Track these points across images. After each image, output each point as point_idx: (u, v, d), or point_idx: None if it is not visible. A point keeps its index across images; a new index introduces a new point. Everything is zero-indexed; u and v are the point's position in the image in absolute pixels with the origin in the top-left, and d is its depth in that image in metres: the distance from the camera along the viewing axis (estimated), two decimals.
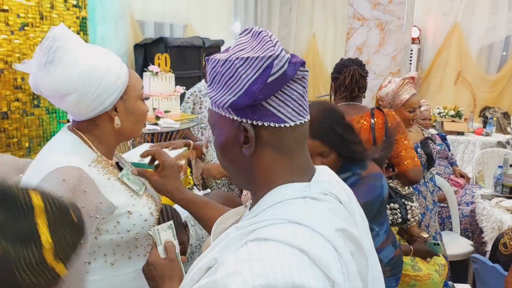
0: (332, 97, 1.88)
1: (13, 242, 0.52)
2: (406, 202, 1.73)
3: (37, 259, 0.52)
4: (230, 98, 0.59)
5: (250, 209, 0.66)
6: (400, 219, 1.73)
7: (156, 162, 1.03)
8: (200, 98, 3.29)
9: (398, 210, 1.72)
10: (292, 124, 0.60)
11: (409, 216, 1.73)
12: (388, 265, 1.46)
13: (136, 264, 1.00)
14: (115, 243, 0.94)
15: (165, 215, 1.34)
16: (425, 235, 2.08)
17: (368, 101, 2.91)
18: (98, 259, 0.94)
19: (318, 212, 0.58)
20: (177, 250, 0.92)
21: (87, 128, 0.97)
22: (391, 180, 1.79)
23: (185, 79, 3.71)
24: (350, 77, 1.78)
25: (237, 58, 0.58)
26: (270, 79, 0.56)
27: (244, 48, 0.60)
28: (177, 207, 1.36)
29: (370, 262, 0.63)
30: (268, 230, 0.54)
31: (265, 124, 0.59)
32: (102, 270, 0.95)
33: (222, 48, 4.74)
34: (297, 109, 0.60)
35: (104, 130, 0.95)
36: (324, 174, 0.66)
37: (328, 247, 0.54)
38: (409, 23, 2.94)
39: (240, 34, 0.65)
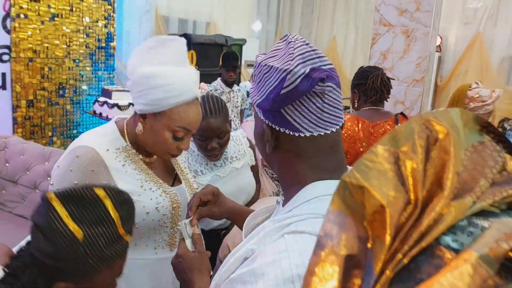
0: (356, 104, 1.92)
1: (93, 226, 0.67)
2: None
3: (113, 232, 0.68)
4: (257, 99, 0.64)
5: (283, 205, 0.67)
6: None
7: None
8: None
9: None
10: (308, 134, 0.61)
11: None
12: None
13: (143, 253, 1.03)
14: None
15: (210, 100, 1.37)
16: None
17: (390, 106, 2.91)
18: None
19: None
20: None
21: (133, 116, 1.03)
22: None
23: (207, 76, 3.75)
24: (380, 80, 1.85)
25: (265, 65, 0.62)
26: (282, 92, 0.59)
27: (275, 55, 0.63)
28: None
29: None
30: (304, 224, 0.56)
31: (281, 130, 0.62)
32: None
33: (244, 48, 4.77)
34: (315, 121, 0.61)
35: (135, 128, 1.00)
36: None
37: None
38: (435, 31, 2.93)
39: (281, 39, 0.68)
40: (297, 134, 0.61)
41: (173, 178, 1.12)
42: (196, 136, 1.36)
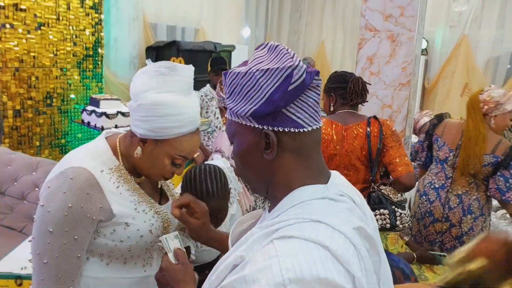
0: (332, 107, 1.96)
1: None
2: (396, 208, 1.79)
3: None
4: (251, 107, 0.63)
5: (269, 210, 0.68)
6: (388, 225, 1.79)
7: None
8: (206, 102, 3.35)
9: (388, 216, 1.78)
10: (309, 128, 0.64)
11: (398, 223, 1.80)
12: None
13: (132, 271, 1.02)
14: (109, 248, 0.97)
15: (206, 174, 1.25)
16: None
17: (377, 110, 2.95)
18: (95, 257, 0.98)
19: (337, 211, 0.61)
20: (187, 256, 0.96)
21: (129, 136, 1.00)
22: (384, 187, 1.85)
23: (196, 83, 3.75)
24: (361, 84, 1.90)
25: (257, 70, 0.62)
26: (290, 87, 0.60)
27: (263, 61, 0.64)
28: None
29: (381, 259, 0.66)
30: (292, 228, 0.57)
31: (286, 129, 0.63)
32: (97, 268, 0.98)
33: (233, 53, 4.79)
34: (313, 115, 0.64)
35: (131, 149, 0.99)
36: (337, 178, 0.70)
37: (348, 244, 0.57)
38: (420, 35, 2.98)
39: (256, 49, 0.69)
40: (302, 130, 0.63)
41: (159, 194, 1.11)
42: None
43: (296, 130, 0.63)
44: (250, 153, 0.66)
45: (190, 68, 0.97)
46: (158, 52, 4.15)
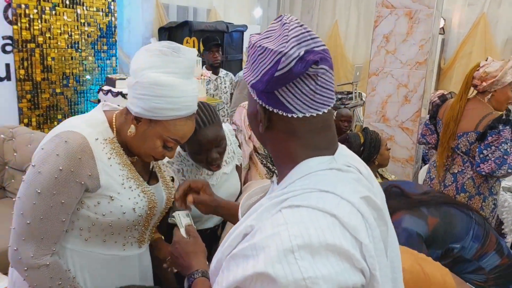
0: None
1: None
2: None
3: None
4: (251, 80, 0.64)
5: (277, 182, 0.69)
6: None
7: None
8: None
9: None
10: (301, 115, 0.62)
11: None
12: (491, 273, 1.44)
13: (111, 249, 1.03)
14: (91, 221, 0.97)
15: (204, 110, 1.27)
16: None
17: (393, 89, 2.91)
18: (75, 230, 0.98)
19: (344, 181, 0.62)
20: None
21: (124, 113, 1.01)
22: None
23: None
24: None
25: (259, 46, 0.62)
26: (276, 74, 0.59)
27: (270, 36, 0.63)
28: None
29: (389, 229, 0.66)
30: (300, 198, 0.58)
31: (274, 110, 0.63)
32: (75, 241, 0.99)
33: (245, 34, 4.74)
34: (308, 103, 0.62)
35: (125, 127, 0.99)
36: (344, 150, 0.70)
37: (355, 212, 0.58)
38: (438, 12, 2.90)
39: (274, 20, 0.67)
40: (289, 115, 0.62)
41: (149, 175, 1.11)
42: (193, 151, 1.28)
43: (285, 114, 0.62)
44: (252, 119, 0.69)
45: (194, 51, 0.96)
46: (170, 32, 4.14)
